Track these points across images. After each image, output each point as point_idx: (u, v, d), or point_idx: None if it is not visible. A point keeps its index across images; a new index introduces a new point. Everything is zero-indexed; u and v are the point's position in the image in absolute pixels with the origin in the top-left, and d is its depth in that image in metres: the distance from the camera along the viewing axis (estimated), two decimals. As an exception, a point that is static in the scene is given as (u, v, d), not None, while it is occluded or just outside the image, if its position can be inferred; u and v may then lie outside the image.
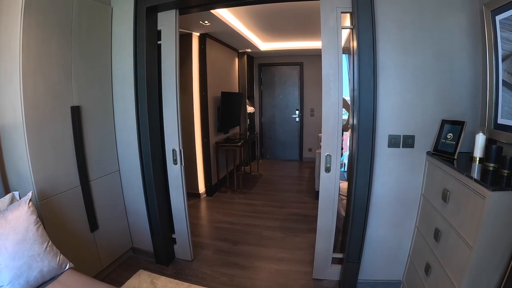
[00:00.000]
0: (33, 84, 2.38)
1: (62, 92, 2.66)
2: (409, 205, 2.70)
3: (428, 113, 2.53)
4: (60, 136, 2.66)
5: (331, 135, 2.75)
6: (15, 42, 2.27)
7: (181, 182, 3.33)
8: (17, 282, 1.81)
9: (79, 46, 2.79)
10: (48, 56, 2.51)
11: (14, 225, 1.92)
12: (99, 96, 3.10)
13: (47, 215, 2.47)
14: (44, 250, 2.00)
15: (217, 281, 3.19)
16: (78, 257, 2.47)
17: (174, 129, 3.22)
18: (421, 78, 2.50)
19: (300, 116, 8.40)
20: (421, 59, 2.48)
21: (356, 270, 2.88)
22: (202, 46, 5.43)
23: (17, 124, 2.36)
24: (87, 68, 2.91)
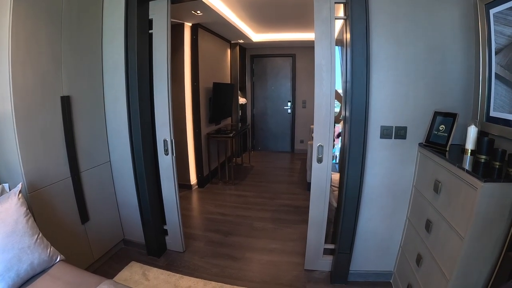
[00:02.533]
0: (22, 73, 2.32)
1: (52, 81, 2.61)
2: (401, 196, 2.72)
3: (421, 104, 2.53)
4: (50, 127, 2.61)
5: (323, 125, 2.74)
6: (4, 31, 2.21)
7: (172, 173, 3.31)
8: (7, 275, 1.78)
9: (69, 35, 2.73)
10: (38, 46, 2.45)
11: (3, 218, 1.88)
12: (90, 86, 3.04)
13: (37, 207, 2.44)
14: (35, 243, 1.97)
15: (209, 272, 3.19)
16: (69, 249, 2.44)
17: (165, 120, 3.18)
18: (413, 70, 2.50)
19: (292, 107, 8.38)
20: (413, 51, 2.48)
21: (347, 260, 2.90)
22: (194, 36, 5.37)
23: (6, 114, 2.30)
24: (77, 58, 2.85)
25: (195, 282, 2.98)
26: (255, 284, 3.00)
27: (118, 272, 3.09)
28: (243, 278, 3.09)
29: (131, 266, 3.23)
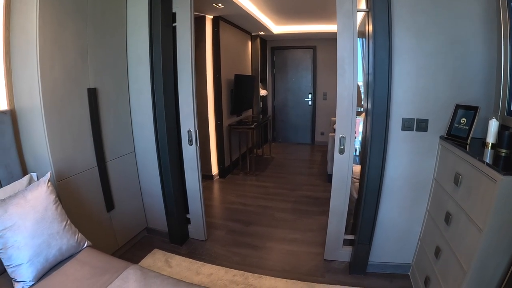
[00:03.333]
0: (50, 67, 2.37)
1: (79, 74, 2.66)
2: (421, 188, 2.67)
3: (442, 97, 2.48)
4: (77, 118, 2.67)
5: (346, 117, 2.73)
6: (31, 26, 2.26)
7: (196, 162, 3.35)
8: (37, 260, 1.84)
9: (94, 29, 2.77)
10: (65, 40, 2.50)
11: (33, 205, 1.94)
12: (115, 79, 3.09)
13: (65, 195, 2.50)
14: (63, 229, 2.03)
15: (230, 260, 3.22)
16: (95, 236, 2.49)
17: (189, 110, 3.21)
18: (434, 63, 2.45)
19: (313, 99, 8.31)
20: (434, 44, 2.42)
21: (367, 251, 2.89)
22: (215, 29, 5.37)
23: (35, 107, 2.36)
24: (102, 51, 2.90)
25: (217, 270, 3.01)
26: (276, 272, 3.01)
27: (141, 259, 3.15)
28: (264, 267, 3.11)
29: (154, 254, 3.29)
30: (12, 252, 1.78)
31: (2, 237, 1.77)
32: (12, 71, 2.41)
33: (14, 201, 1.89)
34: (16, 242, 1.79)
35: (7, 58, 2.37)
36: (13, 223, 1.80)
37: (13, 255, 1.78)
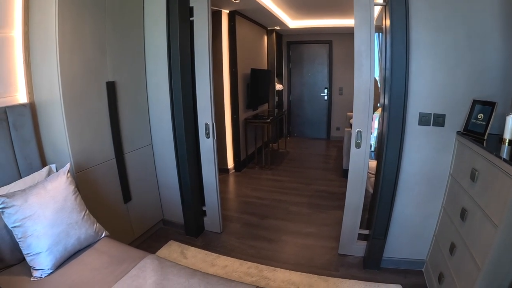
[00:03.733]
0: (69, 61, 2.40)
1: (98, 68, 2.68)
2: (437, 184, 2.62)
3: (459, 92, 2.42)
4: (96, 111, 2.69)
5: (362, 111, 2.69)
6: (51, 21, 2.28)
7: (213, 155, 3.36)
8: (55, 249, 1.86)
9: (112, 23, 2.78)
10: (83, 34, 2.52)
11: (53, 195, 1.97)
12: (133, 72, 3.11)
13: (83, 186, 2.53)
14: (82, 218, 2.05)
15: (245, 253, 3.22)
16: (112, 226, 2.51)
17: (207, 103, 3.22)
18: (452, 58, 2.38)
19: (329, 94, 8.22)
20: (452, 38, 2.35)
21: (381, 246, 2.85)
22: (231, 23, 5.35)
23: (54, 100, 2.40)
24: (121, 45, 2.91)
25: (232, 262, 3.02)
26: (290, 265, 2.99)
27: (157, 250, 3.18)
28: (278, 260, 3.10)
29: (170, 245, 3.31)
30: (31, 240, 1.81)
31: (22, 226, 1.80)
32: (31, 65, 2.44)
33: (34, 191, 1.92)
34: (35, 231, 1.82)
35: (26, 53, 2.41)
36: (33, 213, 1.83)
37: (32, 244, 1.81)
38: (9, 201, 1.80)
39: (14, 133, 2.26)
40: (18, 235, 1.81)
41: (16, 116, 2.28)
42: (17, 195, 1.85)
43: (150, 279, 1.74)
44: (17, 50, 2.38)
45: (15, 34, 2.35)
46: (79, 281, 1.77)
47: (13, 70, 2.37)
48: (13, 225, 1.80)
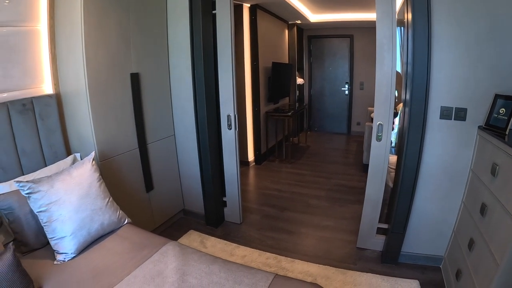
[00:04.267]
0: (94, 53, 2.43)
1: (122, 60, 2.71)
2: (457, 179, 2.54)
3: (481, 86, 2.33)
4: (120, 101, 2.72)
5: (384, 104, 2.64)
6: (76, 14, 2.31)
7: (234, 146, 3.37)
8: (79, 233, 1.89)
9: (136, 17, 2.81)
10: (108, 27, 2.54)
11: (78, 181, 2.00)
12: (156, 64, 3.13)
13: (107, 175, 2.55)
14: (106, 205, 2.08)
15: (264, 244, 3.21)
16: (133, 215, 2.54)
17: (229, 96, 3.22)
18: (474, 51, 2.29)
19: (350, 89, 8.09)
20: (475, 31, 2.26)
21: (400, 241, 2.80)
22: (252, 17, 5.31)
23: (80, 90, 2.44)
24: (144, 38, 2.93)
25: (251, 252, 3.02)
26: (308, 257, 2.97)
27: (177, 239, 3.19)
28: (297, 251, 3.08)
29: (190, 234, 3.34)
30: (56, 225, 1.84)
31: (48, 211, 1.84)
32: (57, 57, 2.49)
33: (60, 177, 1.96)
34: (60, 216, 1.85)
35: (52, 46, 2.45)
36: (58, 198, 1.87)
37: (57, 228, 1.84)
38: (36, 187, 1.84)
39: (40, 122, 2.32)
40: (43, 219, 1.84)
41: (42, 106, 2.34)
42: (43, 181, 1.89)
43: (171, 264, 1.75)
44: (43, 43, 2.42)
45: (40, 27, 2.40)
46: (101, 265, 1.79)
47: (39, 62, 2.42)
48: (39, 210, 1.84)
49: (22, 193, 1.84)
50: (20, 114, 2.20)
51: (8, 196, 1.92)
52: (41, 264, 1.80)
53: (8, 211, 1.90)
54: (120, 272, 1.71)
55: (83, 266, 1.79)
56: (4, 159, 2.09)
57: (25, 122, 2.23)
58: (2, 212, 1.91)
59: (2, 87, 2.17)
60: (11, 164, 2.14)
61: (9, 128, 2.13)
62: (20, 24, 2.26)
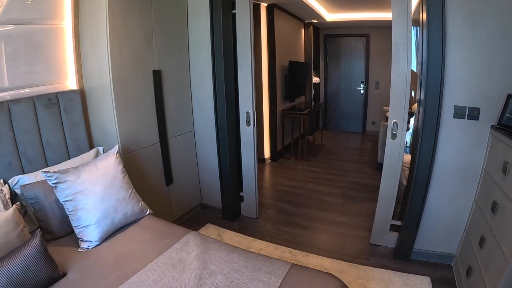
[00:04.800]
0: (118, 50, 2.49)
1: (145, 57, 2.77)
2: (470, 178, 2.53)
3: (495, 86, 2.32)
4: (143, 97, 2.79)
5: (399, 103, 2.66)
6: (101, 13, 2.38)
7: (252, 142, 3.41)
8: (104, 222, 1.95)
9: (158, 16, 2.86)
10: (132, 26, 2.61)
11: (103, 173, 2.06)
12: (177, 62, 3.19)
13: (129, 168, 2.59)
14: (129, 196, 2.14)
15: (280, 238, 3.24)
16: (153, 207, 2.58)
17: (248, 92, 3.27)
18: (488, 51, 2.29)
19: (365, 88, 8.01)
20: (489, 31, 2.25)
21: (412, 237, 2.81)
22: (270, 16, 5.33)
23: (104, 86, 2.51)
24: (166, 36, 2.99)
25: (266, 246, 3.05)
26: (322, 252, 2.99)
27: (195, 232, 3.25)
28: (311, 246, 3.11)
29: (207, 227, 3.39)
30: (81, 214, 1.91)
31: (74, 200, 1.90)
32: (81, 54, 2.56)
33: (86, 168, 2.02)
34: (86, 205, 1.91)
35: (76, 44, 2.53)
36: (84, 188, 1.93)
37: (83, 217, 1.91)
38: (63, 177, 1.91)
39: (64, 116, 2.40)
40: (69, 208, 1.91)
41: (67, 101, 2.42)
42: (70, 172, 1.96)
43: (192, 252, 1.80)
44: (67, 40, 2.50)
45: (65, 25, 2.47)
46: (124, 252, 1.84)
47: (63, 59, 2.50)
48: (65, 199, 1.90)
49: (49, 183, 1.91)
50: (46, 108, 2.27)
51: (34, 186, 1.99)
52: (65, 251, 1.86)
53: (34, 200, 1.97)
54: (143, 259, 1.76)
55: (106, 253, 1.85)
56: (30, 151, 2.17)
57: (50, 116, 2.31)
58: (28, 201, 1.99)
59: (28, 82, 2.25)
60: (36, 156, 2.22)
61: (35, 121, 2.21)
62: (45, 22, 2.33)
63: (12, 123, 2.07)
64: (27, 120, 2.15)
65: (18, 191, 2.01)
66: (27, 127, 2.16)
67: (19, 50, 2.18)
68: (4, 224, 1.60)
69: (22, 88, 2.22)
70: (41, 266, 1.51)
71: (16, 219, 1.69)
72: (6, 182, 1.98)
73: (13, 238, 1.61)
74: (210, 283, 1.55)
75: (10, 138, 2.06)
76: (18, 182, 2.02)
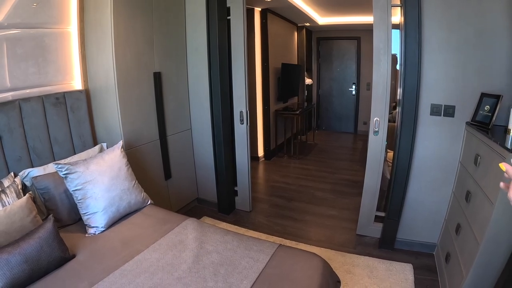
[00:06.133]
0: (122, 53, 2.68)
1: (146, 60, 2.96)
2: (448, 171, 2.71)
3: (469, 86, 2.51)
4: (145, 97, 2.98)
5: (380, 102, 2.85)
6: (106, 19, 2.56)
7: (246, 140, 3.59)
8: (110, 210, 2.14)
9: (159, 22, 3.05)
10: (135, 30, 2.79)
11: (110, 164, 2.25)
12: (176, 64, 3.38)
13: (131, 162, 2.73)
14: (132, 186, 2.33)
15: (271, 229, 3.42)
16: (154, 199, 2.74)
17: (242, 93, 3.46)
18: (463, 53, 2.48)
19: (357, 89, 8.21)
20: (463, 35, 2.45)
21: (395, 227, 2.98)
22: (263, 20, 5.50)
23: (109, 87, 2.70)
24: (166, 40, 3.18)
25: (258, 235, 3.20)
26: (312, 241, 3.17)
27: (193, 224, 3.42)
28: (302, 236, 3.29)
29: (203, 220, 3.56)
30: (90, 202, 2.09)
31: (83, 189, 2.08)
32: (86, 57, 2.75)
33: (94, 161, 2.20)
34: (94, 193, 2.10)
35: (82, 47, 2.72)
36: (93, 178, 2.11)
37: (91, 204, 2.09)
38: (73, 168, 2.09)
39: (71, 115, 2.58)
40: (78, 197, 2.08)
41: (73, 100, 2.60)
42: (79, 163, 2.14)
43: (191, 234, 2.00)
44: (73, 43, 2.68)
45: (71, 29, 2.65)
46: (129, 236, 2.03)
47: (70, 61, 2.68)
48: (75, 188, 2.08)
49: (60, 174, 2.08)
50: (54, 107, 2.45)
51: (44, 178, 2.17)
52: (74, 237, 2.03)
53: (44, 190, 2.15)
54: (147, 241, 1.95)
55: (113, 237, 2.03)
56: (39, 147, 2.34)
57: (58, 114, 2.48)
58: (39, 192, 2.16)
59: (37, 82, 2.43)
60: (44, 151, 2.39)
61: (44, 118, 2.38)
62: (53, 26, 2.51)
63: (23, 120, 2.23)
64: (36, 117, 2.32)
65: (27, 183, 2.18)
66: (36, 124, 2.32)
67: (29, 52, 2.35)
68: (19, 210, 1.78)
69: (32, 87, 2.39)
70: (54, 247, 1.69)
71: (30, 206, 1.87)
72: (16, 175, 2.15)
73: (28, 223, 1.79)
74: (206, 260, 1.74)
75: (21, 134, 2.22)
76: (28, 175, 2.19)
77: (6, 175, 2.10)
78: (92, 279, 1.61)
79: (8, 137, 2.14)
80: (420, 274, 2.68)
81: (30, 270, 1.55)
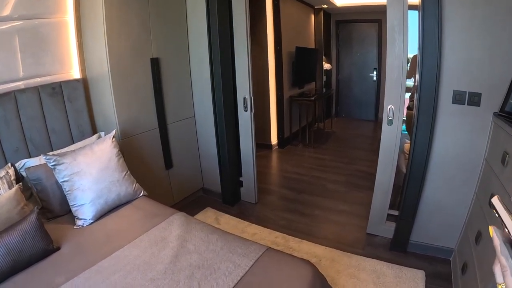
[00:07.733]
0: (116, 41, 2.65)
1: (142, 46, 2.90)
2: (470, 169, 2.43)
3: (497, 70, 2.20)
4: (142, 84, 2.93)
5: (395, 87, 2.61)
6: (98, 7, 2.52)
7: (250, 128, 3.49)
8: (97, 202, 2.12)
9: (156, 7, 2.98)
10: (129, 17, 2.75)
11: (99, 156, 2.21)
12: (177, 50, 3.31)
13: (128, 151, 2.78)
14: (123, 178, 2.29)
15: (276, 223, 3.34)
16: (153, 190, 2.78)
17: (245, 78, 3.35)
18: (490, 34, 2.17)
19: (378, 75, 7.92)
20: (490, 13, 2.13)
21: (409, 228, 2.78)
22: (275, 2, 5.33)
23: (104, 75, 2.67)
24: (164, 26, 3.11)
25: (261, 230, 3.16)
26: (317, 239, 3.05)
27: (194, 215, 3.32)
28: (307, 233, 3.18)
29: (206, 211, 3.53)
30: (77, 193, 2.07)
31: (70, 180, 2.07)
32: (83, 45, 2.72)
33: (82, 152, 2.18)
34: (81, 185, 2.08)
35: (78, 35, 2.69)
36: (80, 169, 2.09)
37: (78, 196, 2.07)
38: (60, 159, 2.07)
39: (68, 104, 2.58)
40: (66, 188, 2.08)
41: (70, 89, 2.59)
42: (67, 155, 2.12)
43: (175, 231, 1.94)
44: (70, 33, 2.67)
45: (68, 18, 2.63)
46: (115, 229, 2.02)
47: (67, 50, 2.67)
48: (62, 180, 2.07)
49: (48, 165, 2.08)
50: (50, 97, 2.45)
51: (37, 169, 2.18)
52: (63, 228, 2.04)
53: (37, 181, 2.15)
54: (130, 235, 1.93)
55: (99, 230, 2.02)
56: (36, 137, 2.36)
57: (55, 104, 2.48)
58: (32, 183, 2.17)
59: (35, 73, 2.44)
60: (42, 141, 2.41)
61: (40, 109, 2.39)
62: (50, 16, 2.50)
63: (19, 111, 2.25)
64: (32, 108, 2.34)
65: (24, 174, 2.19)
66: (33, 115, 2.34)
67: (27, 43, 2.36)
68: (7, 202, 1.79)
69: (30, 78, 2.40)
70: (37, 239, 1.69)
71: (18, 197, 1.87)
72: (13, 165, 2.15)
73: (14, 215, 1.78)
74: (184, 260, 1.69)
75: (17, 125, 2.25)
76: (24, 166, 2.20)
77: (3, 166, 2.13)
78: (70, 273, 1.61)
79: (5, 129, 2.17)
80: (432, 283, 2.49)
81: (13, 261, 1.58)
